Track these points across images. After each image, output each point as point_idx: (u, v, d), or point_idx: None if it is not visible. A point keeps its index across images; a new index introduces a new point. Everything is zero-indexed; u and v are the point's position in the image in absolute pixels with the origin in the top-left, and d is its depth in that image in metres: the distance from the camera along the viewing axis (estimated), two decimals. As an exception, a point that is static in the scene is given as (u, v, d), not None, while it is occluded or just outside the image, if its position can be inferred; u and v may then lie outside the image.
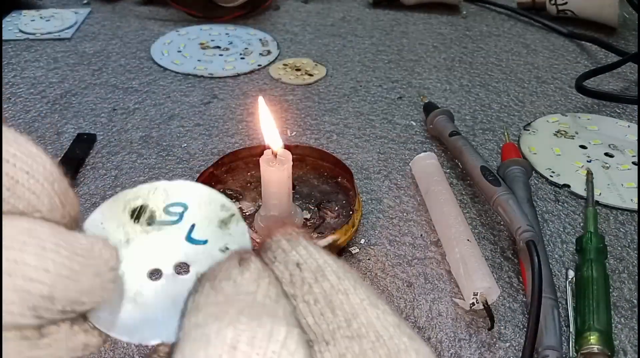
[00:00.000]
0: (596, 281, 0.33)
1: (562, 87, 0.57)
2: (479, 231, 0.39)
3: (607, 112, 0.53)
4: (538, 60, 0.63)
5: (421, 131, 0.50)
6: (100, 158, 0.45)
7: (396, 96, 0.55)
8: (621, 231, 0.39)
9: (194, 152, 0.46)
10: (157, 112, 0.51)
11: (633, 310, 0.34)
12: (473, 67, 0.61)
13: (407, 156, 0.46)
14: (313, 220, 0.38)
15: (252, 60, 0.60)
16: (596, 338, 0.30)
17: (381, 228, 0.39)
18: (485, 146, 0.48)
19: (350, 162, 0.45)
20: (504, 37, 0.68)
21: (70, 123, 0.49)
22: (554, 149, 0.47)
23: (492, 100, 0.55)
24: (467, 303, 0.33)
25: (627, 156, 0.47)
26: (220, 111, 0.52)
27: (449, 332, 0.32)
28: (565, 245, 0.38)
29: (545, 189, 0.43)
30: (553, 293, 0.33)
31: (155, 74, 0.57)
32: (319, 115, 0.51)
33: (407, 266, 0.36)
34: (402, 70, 0.60)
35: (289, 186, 0.35)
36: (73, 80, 0.56)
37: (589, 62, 0.63)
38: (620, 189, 0.43)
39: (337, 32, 0.68)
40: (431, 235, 0.38)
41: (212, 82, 0.56)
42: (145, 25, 0.68)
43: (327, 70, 0.59)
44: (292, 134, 0.49)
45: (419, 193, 0.42)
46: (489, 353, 0.31)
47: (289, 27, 0.69)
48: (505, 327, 0.33)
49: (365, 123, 0.50)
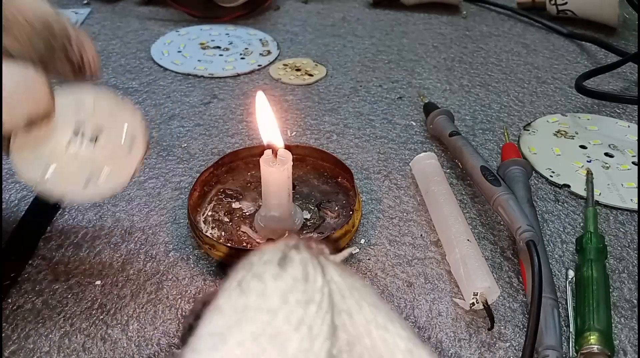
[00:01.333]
0: (596, 281, 0.33)
1: (562, 87, 0.57)
2: (479, 231, 0.39)
3: (607, 112, 0.53)
4: (538, 60, 0.63)
5: (421, 131, 0.50)
6: (101, 158, 0.45)
7: (396, 96, 0.55)
8: (621, 231, 0.40)
9: (194, 152, 0.46)
10: (157, 112, 0.51)
11: (633, 310, 0.34)
12: (473, 68, 0.61)
13: (407, 156, 0.46)
14: (313, 220, 0.38)
15: (252, 60, 0.60)
16: (596, 338, 0.30)
17: (381, 228, 0.39)
18: (485, 146, 0.48)
19: (351, 162, 0.45)
20: (504, 37, 0.68)
21: (71, 123, 0.49)
22: (554, 149, 0.47)
23: (492, 100, 0.55)
24: (467, 303, 0.33)
25: (627, 156, 0.47)
26: (221, 111, 0.52)
27: (449, 331, 0.32)
28: (565, 245, 0.38)
29: (545, 189, 0.43)
30: (553, 293, 0.33)
31: (155, 74, 0.57)
32: (319, 115, 0.51)
33: (407, 266, 0.36)
34: (402, 70, 0.60)
35: (289, 186, 0.35)
36: (73, 80, 0.56)
37: (589, 62, 0.63)
38: (620, 189, 0.43)
39: (337, 32, 0.68)
40: (431, 235, 0.38)
41: (212, 82, 0.56)
42: (146, 25, 0.68)
43: (327, 70, 0.59)
44: (292, 134, 0.49)
45: (419, 193, 0.42)
46: (489, 353, 0.31)
47: (289, 27, 0.69)
48: (505, 327, 0.33)
49: (365, 123, 0.50)
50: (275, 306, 0.15)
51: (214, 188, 0.40)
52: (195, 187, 0.38)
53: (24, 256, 0.35)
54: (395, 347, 0.14)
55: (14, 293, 0.33)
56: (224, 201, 0.39)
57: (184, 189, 0.42)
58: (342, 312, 0.15)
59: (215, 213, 0.38)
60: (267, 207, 0.36)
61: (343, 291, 0.16)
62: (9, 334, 0.31)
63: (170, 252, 0.37)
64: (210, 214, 0.38)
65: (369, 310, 0.15)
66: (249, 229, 0.37)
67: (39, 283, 0.34)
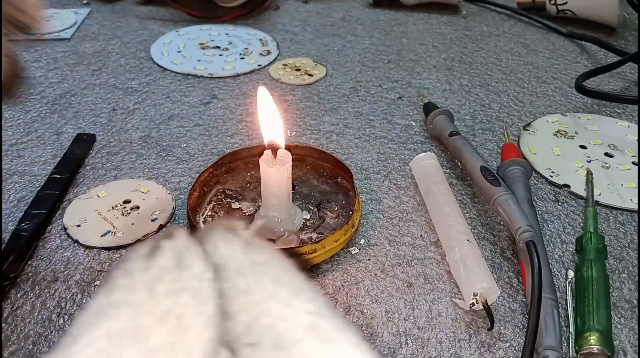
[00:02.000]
0: (596, 281, 0.33)
1: (562, 87, 0.57)
2: (478, 232, 0.39)
3: (607, 112, 0.53)
4: (538, 60, 0.63)
5: (421, 131, 0.49)
6: (100, 158, 0.45)
7: (396, 96, 0.55)
8: (621, 231, 0.39)
9: (194, 152, 0.46)
10: (157, 113, 0.51)
11: (633, 310, 0.34)
12: (473, 67, 0.61)
13: (407, 156, 0.46)
14: (313, 220, 0.38)
15: (252, 60, 0.60)
16: (596, 339, 0.30)
17: (381, 228, 0.39)
18: (485, 146, 0.48)
19: (350, 162, 0.45)
20: (504, 37, 0.68)
21: (70, 123, 0.49)
22: (553, 149, 0.47)
23: (492, 100, 0.55)
24: (467, 303, 0.33)
25: (627, 156, 0.47)
26: (220, 111, 0.52)
27: (448, 332, 0.32)
28: (565, 245, 0.38)
29: (545, 189, 0.43)
30: (553, 293, 0.33)
31: (155, 74, 0.57)
32: (318, 115, 0.51)
33: (407, 267, 0.36)
34: (402, 70, 0.60)
35: (289, 186, 0.35)
36: (73, 80, 0.56)
37: (589, 62, 0.63)
38: (620, 190, 0.43)
39: (337, 32, 0.68)
40: (431, 235, 0.38)
41: (211, 82, 0.56)
42: (145, 25, 0.68)
43: (327, 70, 0.59)
44: (292, 134, 0.49)
45: (419, 193, 0.42)
46: (489, 353, 0.31)
47: (289, 27, 0.69)
48: (505, 327, 0.32)
49: (365, 123, 0.50)
50: (141, 300, 0.14)
51: (213, 188, 0.40)
52: (195, 187, 0.38)
53: (24, 257, 0.35)
54: (296, 323, 0.13)
55: (13, 293, 0.33)
56: (224, 201, 0.39)
57: (183, 189, 0.42)
58: (241, 292, 0.14)
59: (214, 213, 0.38)
60: (266, 207, 0.36)
61: (243, 269, 0.15)
62: (9, 335, 0.31)
63: (169, 252, 0.36)
64: (210, 214, 0.38)
65: (272, 286, 0.14)
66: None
67: (38, 284, 0.34)
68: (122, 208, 0.39)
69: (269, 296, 0.14)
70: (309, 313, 0.14)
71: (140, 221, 0.38)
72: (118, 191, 0.41)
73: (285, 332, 0.13)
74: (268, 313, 0.14)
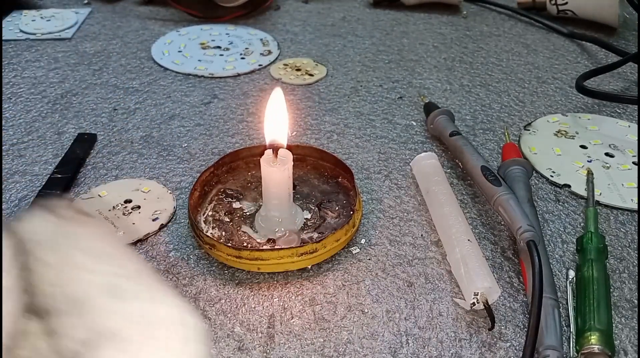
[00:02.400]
0: (597, 281, 0.33)
1: (562, 87, 0.57)
2: (479, 231, 0.39)
3: (607, 112, 0.53)
4: (538, 60, 0.63)
5: (421, 131, 0.50)
6: (101, 158, 0.45)
7: (396, 96, 0.55)
8: (621, 231, 0.40)
9: (195, 152, 0.46)
10: (158, 112, 0.51)
11: (633, 310, 0.34)
12: (473, 67, 0.61)
13: (408, 156, 0.46)
14: (313, 220, 0.38)
15: (253, 60, 0.60)
16: (597, 338, 0.30)
17: (382, 228, 0.39)
18: (485, 146, 0.48)
19: (351, 162, 0.45)
20: (504, 37, 0.68)
21: (71, 123, 0.49)
22: (554, 149, 0.47)
23: (492, 100, 0.55)
24: (467, 303, 0.33)
25: (627, 156, 0.47)
26: (221, 111, 0.52)
27: (449, 331, 0.32)
28: (566, 245, 0.38)
29: (545, 189, 0.43)
30: (553, 293, 0.33)
31: (155, 74, 0.57)
32: (319, 115, 0.51)
33: (408, 266, 0.36)
34: (402, 70, 0.60)
35: (290, 186, 0.35)
36: (73, 80, 0.56)
37: (589, 62, 0.63)
38: (621, 189, 0.43)
39: (338, 32, 0.68)
40: (432, 235, 0.38)
41: (212, 82, 0.56)
42: (146, 25, 0.68)
43: (328, 70, 0.59)
44: (293, 134, 0.49)
45: (420, 193, 0.42)
46: (490, 353, 0.31)
47: (290, 27, 0.69)
48: (506, 327, 0.33)
49: (366, 123, 0.50)
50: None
51: (214, 188, 0.40)
52: (196, 187, 0.38)
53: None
54: (95, 286, 0.14)
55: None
56: (225, 201, 0.39)
57: (184, 189, 0.42)
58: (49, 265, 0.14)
59: (215, 213, 0.38)
60: (267, 207, 0.36)
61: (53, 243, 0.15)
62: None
63: (170, 252, 0.37)
64: (211, 214, 0.38)
65: (81, 256, 0.15)
66: (250, 229, 0.37)
67: (39, 283, 0.34)
68: (123, 207, 0.39)
69: (75, 266, 0.14)
70: (113, 275, 0.14)
71: (141, 221, 0.38)
72: (119, 191, 0.41)
73: (82, 293, 0.14)
74: (71, 281, 0.14)
